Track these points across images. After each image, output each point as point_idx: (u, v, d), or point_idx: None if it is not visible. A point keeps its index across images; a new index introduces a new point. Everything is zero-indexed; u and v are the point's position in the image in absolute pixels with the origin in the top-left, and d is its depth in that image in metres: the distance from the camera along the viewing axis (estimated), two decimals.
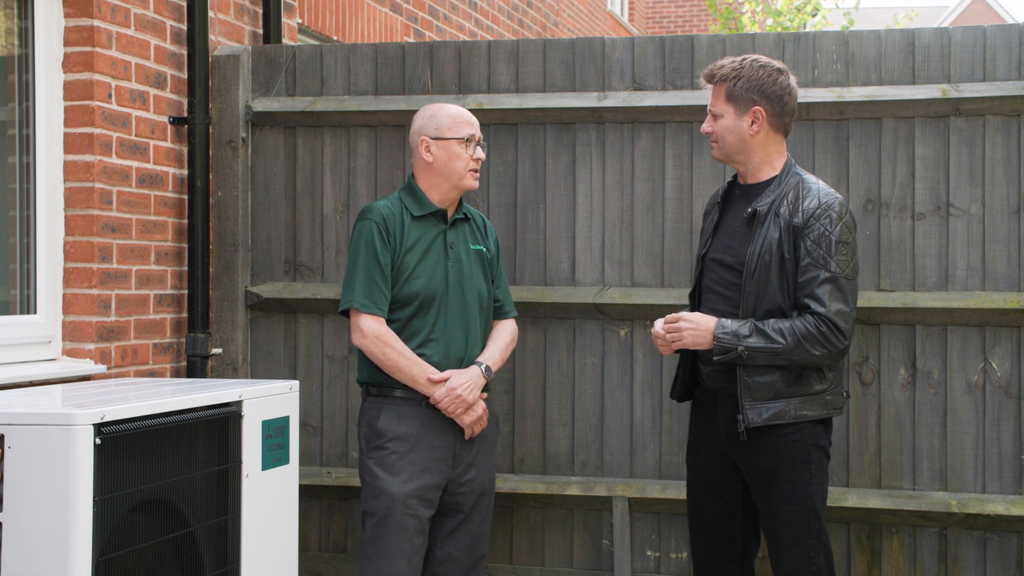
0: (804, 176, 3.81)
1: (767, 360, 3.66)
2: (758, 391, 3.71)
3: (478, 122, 4.19)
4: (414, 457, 4.05)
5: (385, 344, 4.03)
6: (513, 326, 4.34)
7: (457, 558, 4.17)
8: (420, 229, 4.12)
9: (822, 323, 3.64)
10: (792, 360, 3.66)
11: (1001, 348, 4.56)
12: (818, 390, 3.74)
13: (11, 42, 4.55)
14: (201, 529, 3.75)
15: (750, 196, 3.84)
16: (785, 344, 3.64)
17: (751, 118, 3.78)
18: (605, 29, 16.48)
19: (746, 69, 3.78)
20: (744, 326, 3.68)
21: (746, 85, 3.76)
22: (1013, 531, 4.56)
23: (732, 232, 3.85)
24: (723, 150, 3.84)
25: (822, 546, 3.76)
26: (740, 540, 3.92)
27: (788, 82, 3.81)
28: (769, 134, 3.81)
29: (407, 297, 4.08)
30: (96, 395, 3.86)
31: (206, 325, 5.07)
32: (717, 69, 3.83)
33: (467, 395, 4.05)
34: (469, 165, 4.13)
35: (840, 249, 3.68)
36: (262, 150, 5.18)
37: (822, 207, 3.70)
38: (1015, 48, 4.56)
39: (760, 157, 3.83)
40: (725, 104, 3.80)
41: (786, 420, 3.70)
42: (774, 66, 3.80)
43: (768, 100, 3.77)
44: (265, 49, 5.23)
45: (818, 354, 3.65)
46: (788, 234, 3.70)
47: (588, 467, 4.90)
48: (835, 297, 3.66)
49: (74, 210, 4.58)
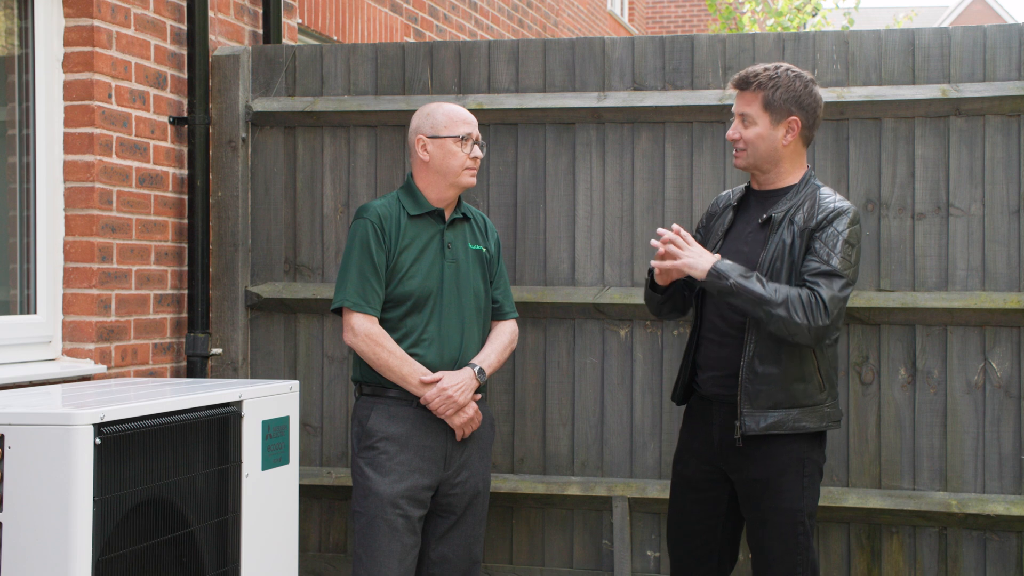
0: (821, 188, 3.81)
1: (750, 304, 3.61)
2: (758, 399, 3.69)
3: (476, 121, 4.19)
4: (404, 457, 4.04)
5: (376, 343, 4.03)
6: (512, 327, 4.33)
7: (452, 560, 4.16)
8: (417, 228, 4.12)
9: (814, 296, 3.62)
10: (771, 315, 3.59)
11: (1001, 348, 4.56)
12: (818, 400, 3.73)
13: (11, 42, 4.55)
14: (201, 529, 3.75)
15: (766, 203, 3.84)
16: (773, 297, 3.59)
17: (786, 128, 3.75)
18: (605, 29, 16.48)
19: (783, 78, 3.73)
20: (743, 269, 3.65)
21: (784, 95, 3.73)
22: (1013, 531, 4.56)
23: (744, 237, 3.84)
24: (752, 158, 3.80)
25: (809, 563, 3.73)
26: (718, 553, 3.91)
27: (819, 93, 3.80)
28: (798, 145, 3.80)
29: (401, 296, 4.07)
30: (96, 395, 3.86)
31: (206, 325, 5.07)
32: (753, 76, 3.76)
33: (458, 396, 4.04)
34: (466, 163, 4.12)
35: (845, 249, 3.69)
36: (262, 150, 5.18)
37: (836, 210, 3.71)
38: (1015, 48, 4.56)
39: (785, 167, 3.82)
40: (761, 111, 3.75)
41: (784, 431, 3.69)
42: (806, 76, 3.78)
43: (803, 111, 3.75)
44: (265, 49, 5.24)
45: (798, 321, 3.59)
46: (801, 240, 3.70)
47: (588, 467, 4.90)
48: (832, 287, 3.65)
49: (74, 210, 4.58)
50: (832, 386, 3.78)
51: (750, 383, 3.69)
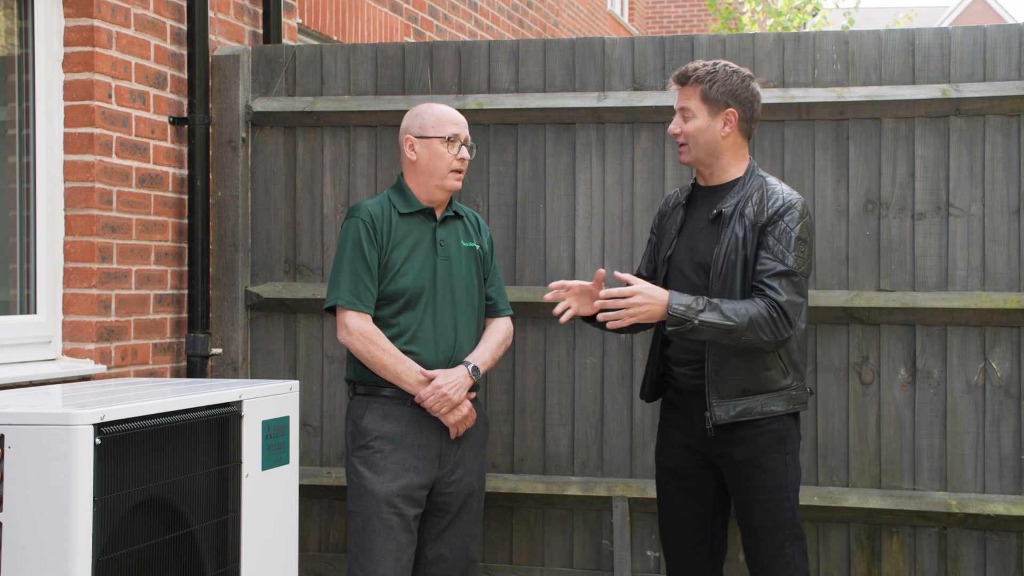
0: (767, 178, 3.90)
1: (717, 336, 3.70)
2: (724, 388, 3.79)
3: (466, 122, 4.19)
4: (398, 456, 4.05)
5: (370, 341, 4.04)
6: (507, 324, 4.33)
7: (449, 559, 4.17)
8: (408, 226, 4.13)
9: (774, 309, 3.70)
10: (740, 340, 3.70)
11: (1001, 348, 4.56)
12: (783, 385, 3.82)
13: (11, 42, 4.55)
14: (201, 529, 3.74)
15: (713, 198, 3.91)
16: (737, 323, 3.68)
17: (724, 120, 3.85)
18: (605, 29, 16.48)
19: (720, 73, 3.86)
20: (699, 300, 3.71)
21: (721, 88, 3.85)
22: (1013, 531, 4.56)
23: (697, 233, 3.92)
24: (693, 152, 3.90)
25: (797, 537, 3.82)
26: (710, 540, 3.98)
27: (757, 88, 3.92)
28: (737, 137, 3.90)
29: (394, 294, 4.08)
30: (96, 395, 3.86)
31: (206, 325, 5.07)
32: (692, 71, 3.90)
33: (452, 394, 4.04)
34: (452, 165, 4.12)
35: (799, 246, 3.77)
36: (262, 150, 5.18)
37: (786, 204, 3.80)
38: (1015, 48, 4.56)
39: (727, 160, 3.90)
40: (700, 105, 3.86)
41: (753, 416, 3.78)
42: (744, 72, 3.91)
43: (740, 104, 3.86)
44: (265, 49, 5.23)
45: (765, 339, 3.71)
46: (753, 233, 3.79)
47: (588, 467, 4.90)
48: (789, 289, 3.73)
49: (74, 210, 4.58)
50: (796, 369, 3.86)
51: (716, 374, 3.79)
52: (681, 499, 3.97)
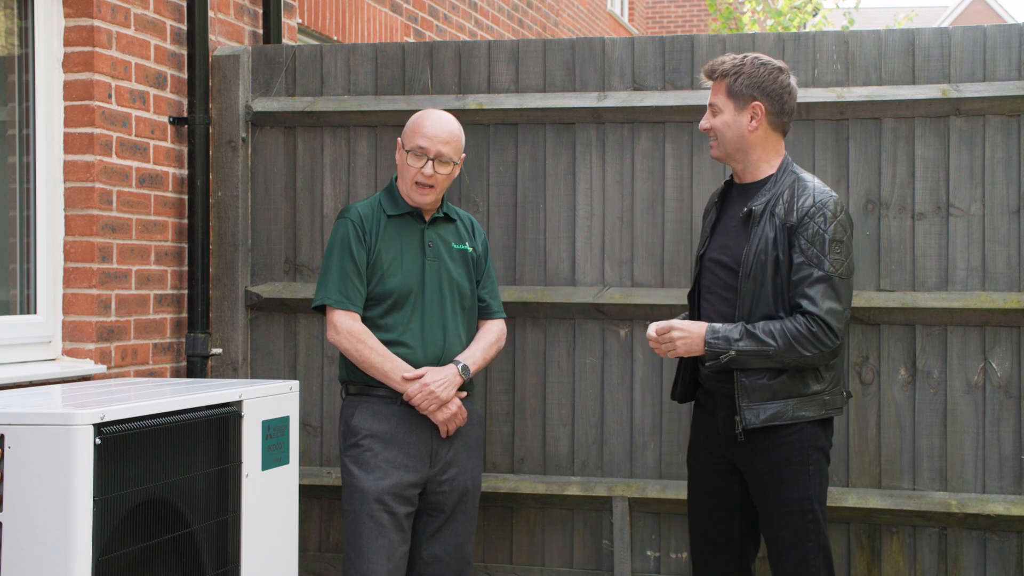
0: (800, 175, 3.81)
1: (759, 363, 3.66)
2: (755, 392, 3.70)
3: (445, 139, 4.11)
4: (389, 455, 4.06)
5: (359, 340, 4.06)
6: (500, 326, 4.33)
7: (443, 559, 4.18)
8: (397, 227, 4.16)
9: (813, 323, 3.63)
10: (784, 362, 3.65)
11: (1001, 348, 4.56)
12: (815, 391, 3.73)
13: (11, 42, 4.55)
14: (201, 529, 3.75)
15: (746, 195, 3.84)
16: (776, 346, 3.63)
17: (750, 114, 3.78)
18: (605, 29, 16.48)
19: (747, 66, 3.79)
20: (735, 330, 3.67)
21: (747, 81, 3.78)
22: (1013, 531, 4.56)
23: (729, 232, 3.85)
24: (722, 147, 3.84)
25: (821, 548, 3.75)
26: (739, 542, 3.92)
27: (788, 81, 3.82)
28: (767, 132, 3.81)
29: (382, 294, 4.10)
30: (96, 395, 3.86)
31: (206, 325, 5.07)
32: (718, 65, 3.84)
33: (440, 392, 4.05)
34: (416, 178, 4.11)
35: (834, 248, 3.68)
36: (262, 150, 5.18)
37: (816, 205, 3.70)
38: (1015, 48, 4.56)
39: (757, 155, 3.83)
40: (725, 99, 3.81)
41: (784, 421, 3.70)
42: (775, 64, 3.82)
43: (768, 97, 3.78)
44: (265, 49, 5.24)
45: (809, 354, 3.64)
46: (783, 234, 3.71)
47: (588, 467, 4.90)
48: (828, 296, 3.65)
49: (74, 210, 4.58)
50: (834, 374, 3.78)
51: (746, 377, 3.71)
52: (707, 502, 3.93)
